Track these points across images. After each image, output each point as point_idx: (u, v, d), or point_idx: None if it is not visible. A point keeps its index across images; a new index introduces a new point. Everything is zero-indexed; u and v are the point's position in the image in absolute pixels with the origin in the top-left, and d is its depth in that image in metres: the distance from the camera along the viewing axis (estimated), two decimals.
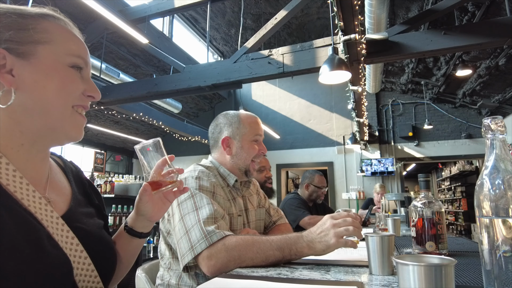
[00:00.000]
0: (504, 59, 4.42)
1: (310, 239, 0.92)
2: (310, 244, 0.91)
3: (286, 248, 0.92)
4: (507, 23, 2.89)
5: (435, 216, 0.97)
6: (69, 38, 0.64)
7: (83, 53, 0.65)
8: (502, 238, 0.53)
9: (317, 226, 0.94)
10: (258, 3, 5.15)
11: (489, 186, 0.56)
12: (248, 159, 1.24)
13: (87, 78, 0.65)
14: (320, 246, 0.90)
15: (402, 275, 0.52)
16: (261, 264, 0.92)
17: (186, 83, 3.94)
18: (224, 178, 1.24)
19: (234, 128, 1.25)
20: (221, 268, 0.92)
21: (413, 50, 3.10)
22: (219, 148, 1.27)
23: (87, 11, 4.10)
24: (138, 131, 8.02)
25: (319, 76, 2.65)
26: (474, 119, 6.58)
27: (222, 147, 1.25)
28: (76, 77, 0.62)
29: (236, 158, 1.24)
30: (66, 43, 0.62)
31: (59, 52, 0.60)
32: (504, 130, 0.59)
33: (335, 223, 0.91)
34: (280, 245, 0.92)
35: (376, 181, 6.74)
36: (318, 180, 2.74)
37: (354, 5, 2.36)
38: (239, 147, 1.24)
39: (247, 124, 1.26)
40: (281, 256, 0.92)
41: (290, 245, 0.92)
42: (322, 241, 0.90)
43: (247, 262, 0.92)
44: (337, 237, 0.89)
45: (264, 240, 0.94)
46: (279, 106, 7.90)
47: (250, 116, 1.30)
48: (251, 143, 1.25)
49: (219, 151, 1.27)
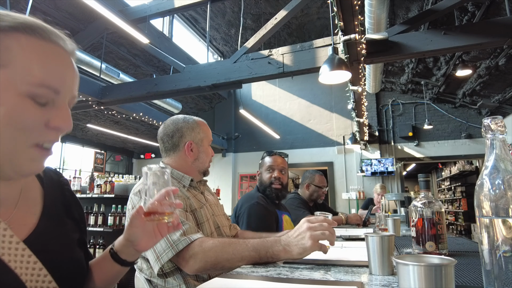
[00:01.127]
0: (504, 59, 4.42)
1: (287, 243, 0.93)
2: (287, 247, 0.92)
3: (262, 250, 0.94)
4: (507, 23, 2.89)
5: (435, 216, 0.97)
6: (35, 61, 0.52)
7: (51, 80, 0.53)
8: (502, 238, 0.53)
9: (294, 229, 0.96)
10: (258, 3, 5.15)
11: (489, 186, 0.56)
12: (207, 161, 1.34)
13: (59, 105, 0.55)
14: (297, 249, 0.90)
15: (402, 275, 0.52)
16: (238, 264, 0.95)
17: (186, 83, 3.94)
18: (179, 180, 1.26)
19: (196, 133, 1.32)
20: (199, 269, 0.97)
21: (413, 50, 3.10)
22: (179, 151, 1.30)
23: (87, 11, 4.10)
24: (138, 131, 8.02)
25: (319, 76, 2.65)
26: (474, 119, 6.58)
27: (185, 151, 1.29)
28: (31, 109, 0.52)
29: (198, 162, 1.31)
30: (28, 67, 0.51)
31: (13, 78, 0.50)
32: (504, 130, 0.59)
33: (312, 226, 0.92)
34: (256, 246, 0.95)
35: (376, 181, 6.74)
36: (319, 180, 2.74)
37: (354, 5, 2.36)
38: (202, 151, 1.32)
39: (205, 129, 1.36)
40: (257, 256, 0.94)
41: (266, 247, 0.94)
42: (299, 244, 0.90)
43: (223, 263, 0.96)
44: (313, 240, 0.89)
45: (241, 242, 0.98)
46: (279, 106, 7.90)
47: (204, 122, 1.40)
48: (208, 147, 1.36)
49: (178, 155, 1.30)
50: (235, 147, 8.02)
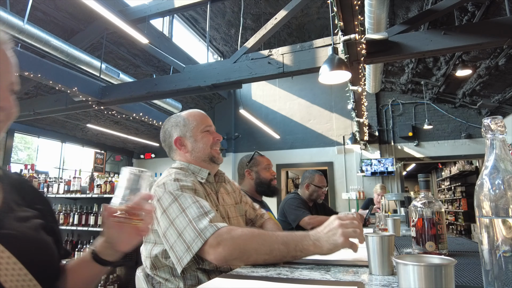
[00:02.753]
0: (504, 59, 4.42)
1: (317, 238, 0.92)
2: (317, 242, 0.91)
3: (291, 244, 0.92)
4: (506, 23, 2.89)
5: (435, 216, 0.97)
6: None
7: None
8: (502, 238, 0.53)
9: (324, 226, 0.94)
10: (258, 3, 5.15)
11: (489, 186, 0.56)
12: (206, 148, 1.27)
13: None
14: (327, 245, 0.90)
15: (402, 275, 0.52)
16: (264, 258, 0.92)
17: (186, 83, 3.94)
18: (196, 174, 1.24)
19: (181, 127, 1.28)
20: (226, 257, 0.93)
21: (413, 50, 3.10)
22: (175, 150, 1.30)
23: (87, 11, 4.10)
24: (138, 131, 8.02)
25: (319, 76, 2.65)
26: (474, 119, 6.58)
27: (177, 148, 1.27)
28: None
29: (195, 152, 1.26)
30: None
31: None
32: (504, 130, 0.59)
33: (343, 223, 0.91)
34: (286, 240, 0.92)
35: (376, 181, 6.74)
36: (318, 180, 2.74)
37: (354, 5, 2.36)
38: (193, 141, 1.27)
39: (193, 118, 1.29)
40: (285, 251, 0.91)
41: (296, 241, 0.92)
42: (330, 240, 0.90)
43: (250, 252, 0.92)
44: (345, 237, 0.89)
45: (270, 234, 0.96)
46: (279, 106, 7.90)
47: (194, 111, 1.34)
48: (203, 134, 1.28)
49: (177, 154, 1.30)
50: (235, 147, 8.03)
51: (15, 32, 3.34)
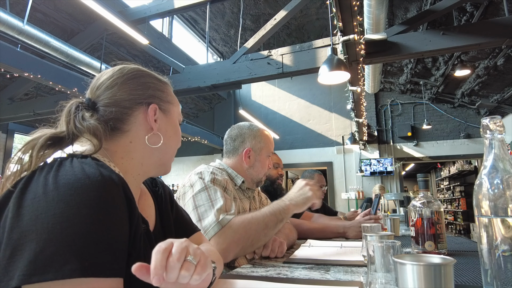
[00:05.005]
0: (502, 59, 4.43)
1: (291, 198, 1.13)
2: (292, 201, 1.11)
3: (276, 211, 1.07)
4: (505, 24, 2.89)
5: (434, 216, 0.98)
6: None
7: None
8: (501, 237, 0.54)
9: (294, 188, 1.17)
10: (257, 4, 5.16)
11: (488, 186, 0.56)
12: (262, 173, 1.36)
13: None
14: (301, 199, 1.12)
15: (402, 274, 0.53)
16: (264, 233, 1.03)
17: (185, 83, 3.94)
18: (232, 178, 1.30)
19: (257, 142, 1.35)
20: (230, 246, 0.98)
21: (412, 50, 3.11)
22: (238, 156, 1.34)
23: (87, 11, 4.10)
24: None
25: (318, 76, 2.65)
26: (472, 119, 6.59)
27: (243, 156, 1.33)
28: None
29: (252, 170, 1.34)
30: None
31: None
32: (502, 129, 0.59)
33: (309, 183, 1.16)
34: (271, 211, 1.07)
35: (375, 181, 6.75)
36: (318, 179, 2.74)
37: (353, 5, 2.36)
38: (258, 160, 1.35)
39: (267, 140, 1.39)
40: (275, 219, 1.06)
41: (278, 208, 1.08)
42: (302, 196, 1.13)
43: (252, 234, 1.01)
44: (313, 191, 1.13)
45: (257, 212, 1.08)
46: (279, 106, 7.91)
47: (268, 132, 1.44)
48: (266, 158, 1.37)
49: (236, 159, 1.34)
50: None
51: (15, 33, 3.34)
